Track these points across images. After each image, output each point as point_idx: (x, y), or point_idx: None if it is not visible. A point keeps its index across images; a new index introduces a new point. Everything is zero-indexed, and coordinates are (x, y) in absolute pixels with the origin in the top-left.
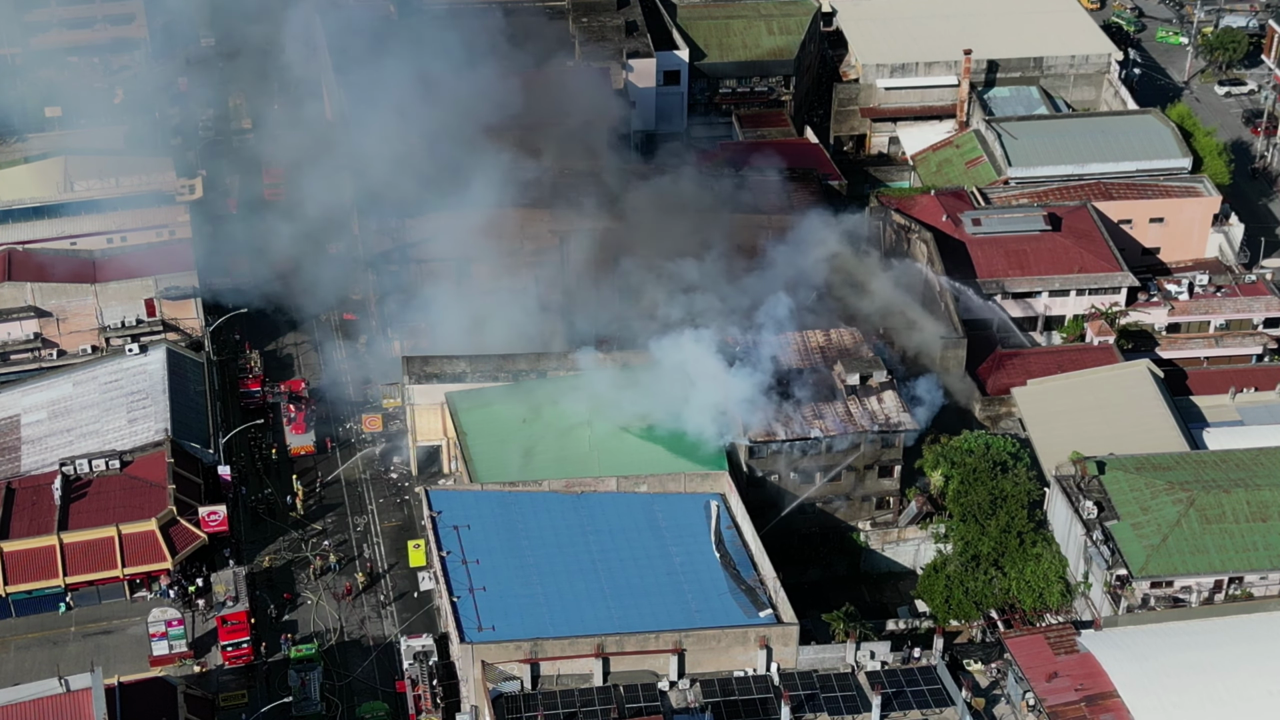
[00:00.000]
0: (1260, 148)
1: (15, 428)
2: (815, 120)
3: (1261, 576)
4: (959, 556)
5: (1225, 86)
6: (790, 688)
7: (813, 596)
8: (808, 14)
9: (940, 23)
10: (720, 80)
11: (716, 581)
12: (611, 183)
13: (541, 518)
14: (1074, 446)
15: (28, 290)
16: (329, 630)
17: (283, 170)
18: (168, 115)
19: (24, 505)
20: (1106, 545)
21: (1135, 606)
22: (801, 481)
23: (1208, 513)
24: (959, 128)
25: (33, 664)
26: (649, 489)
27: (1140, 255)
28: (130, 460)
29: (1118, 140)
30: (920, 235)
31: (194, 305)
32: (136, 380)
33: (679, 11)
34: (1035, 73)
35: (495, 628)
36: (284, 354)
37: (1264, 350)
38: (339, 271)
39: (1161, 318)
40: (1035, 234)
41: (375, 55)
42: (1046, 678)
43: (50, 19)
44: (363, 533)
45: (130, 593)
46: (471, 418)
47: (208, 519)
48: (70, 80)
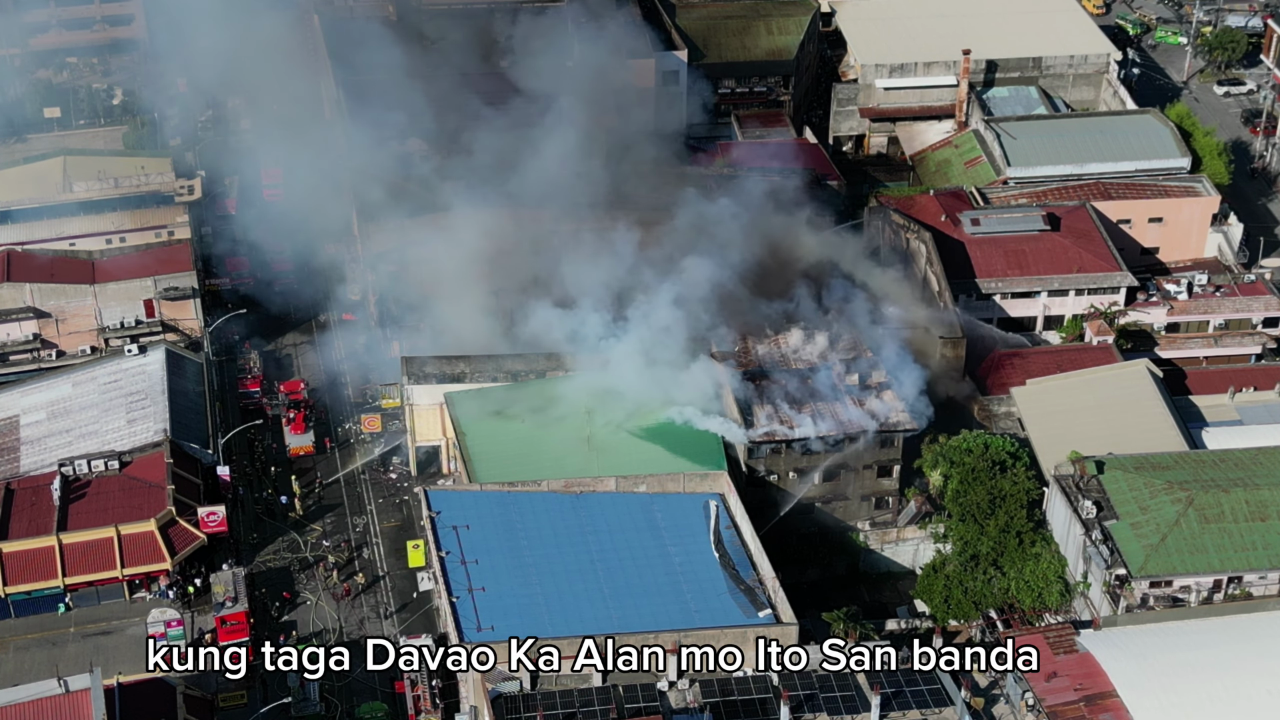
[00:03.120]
0: (1259, 147)
1: (14, 428)
2: (814, 120)
3: (1260, 576)
4: (958, 556)
5: (1224, 86)
6: (790, 688)
7: (812, 596)
8: (807, 14)
9: (939, 23)
10: (719, 81)
11: (715, 581)
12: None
13: (540, 518)
14: (1073, 446)
15: (27, 291)
16: (328, 630)
17: (281, 170)
18: (167, 115)
19: (23, 506)
20: (1105, 545)
21: (1134, 606)
22: (801, 481)
23: (1207, 512)
24: (958, 128)
25: (32, 665)
26: (648, 489)
27: (1139, 255)
28: (129, 461)
29: (1117, 140)
30: (919, 235)
31: (193, 306)
32: (135, 381)
33: (678, 12)
34: (1034, 73)
35: (494, 628)
36: (283, 354)
37: (1263, 350)
38: (338, 271)
39: (1160, 317)
40: (1034, 234)
41: (374, 56)
42: (1046, 677)
43: (49, 19)
44: (362, 533)
45: (129, 593)
46: (471, 418)
47: (207, 519)
48: (69, 81)
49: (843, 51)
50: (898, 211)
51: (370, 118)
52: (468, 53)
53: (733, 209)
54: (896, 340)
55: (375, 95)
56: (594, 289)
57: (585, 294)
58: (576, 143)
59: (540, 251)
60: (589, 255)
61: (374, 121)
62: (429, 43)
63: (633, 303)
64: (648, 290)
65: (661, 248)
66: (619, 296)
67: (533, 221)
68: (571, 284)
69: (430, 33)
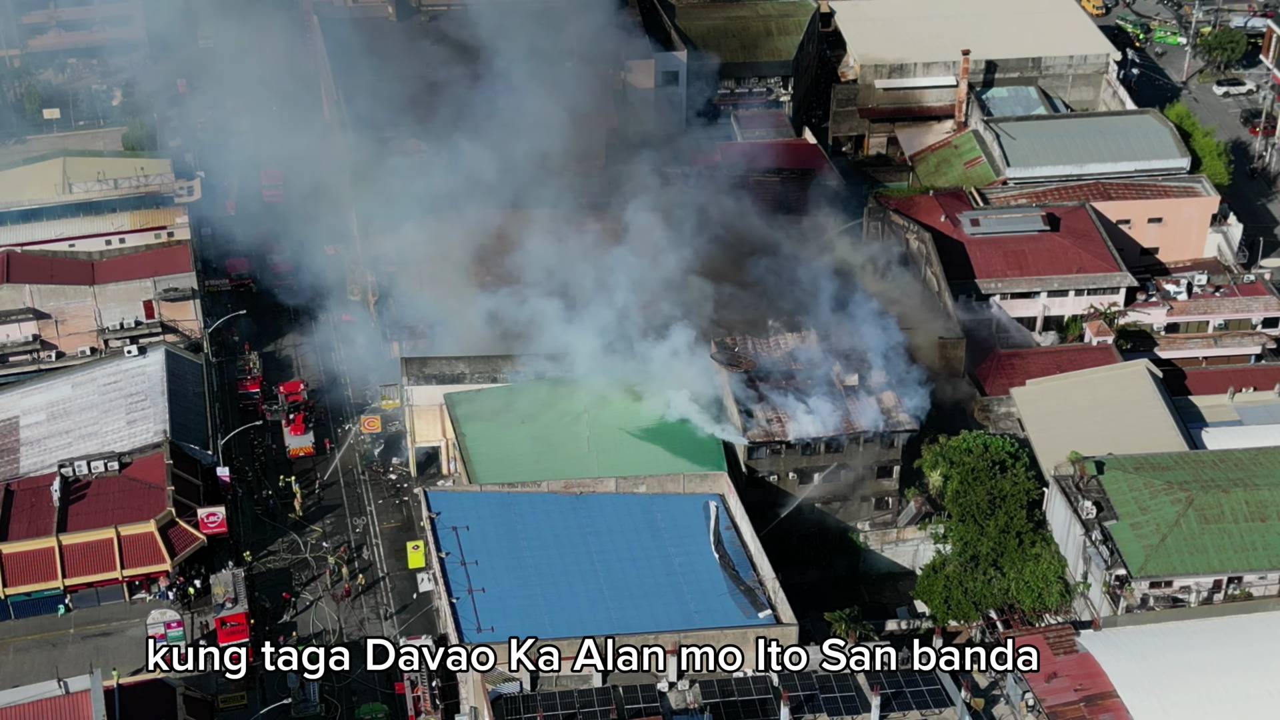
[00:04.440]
0: (1259, 148)
1: (14, 429)
2: (814, 121)
3: (1260, 576)
4: (958, 557)
5: (1224, 86)
6: (790, 688)
7: (812, 597)
8: (806, 15)
9: (938, 23)
10: (719, 81)
11: (715, 582)
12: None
13: (540, 519)
14: (1073, 446)
15: (26, 292)
16: (328, 631)
17: (281, 171)
18: (166, 116)
19: (23, 507)
20: (1105, 545)
21: (1134, 606)
22: (801, 482)
23: (1206, 512)
24: (957, 128)
25: (32, 666)
26: (648, 490)
27: (1139, 255)
28: (129, 462)
29: (1116, 140)
30: (919, 236)
31: (193, 307)
32: (135, 382)
33: (677, 12)
34: (1034, 73)
35: (494, 629)
36: (283, 355)
37: (1262, 350)
38: (337, 272)
39: (1160, 318)
40: (1034, 234)
41: (373, 56)
42: (1046, 678)
43: (49, 20)
44: (362, 534)
45: (129, 594)
46: (470, 419)
47: (206, 520)
48: (69, 82)
49: (842, 52)
50: (897, 212)
51: (369, 117)
52: (466, 53)
53: (732, 208)
54: (896, 340)
55: (374, 95)
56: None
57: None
58: (576, 143)
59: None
60: (586, 252)
61: (373, 121)
62: (428, 43)
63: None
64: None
65: (662, 248)
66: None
67: (531, 221)
68: (568, 280)
69: (429, 33)
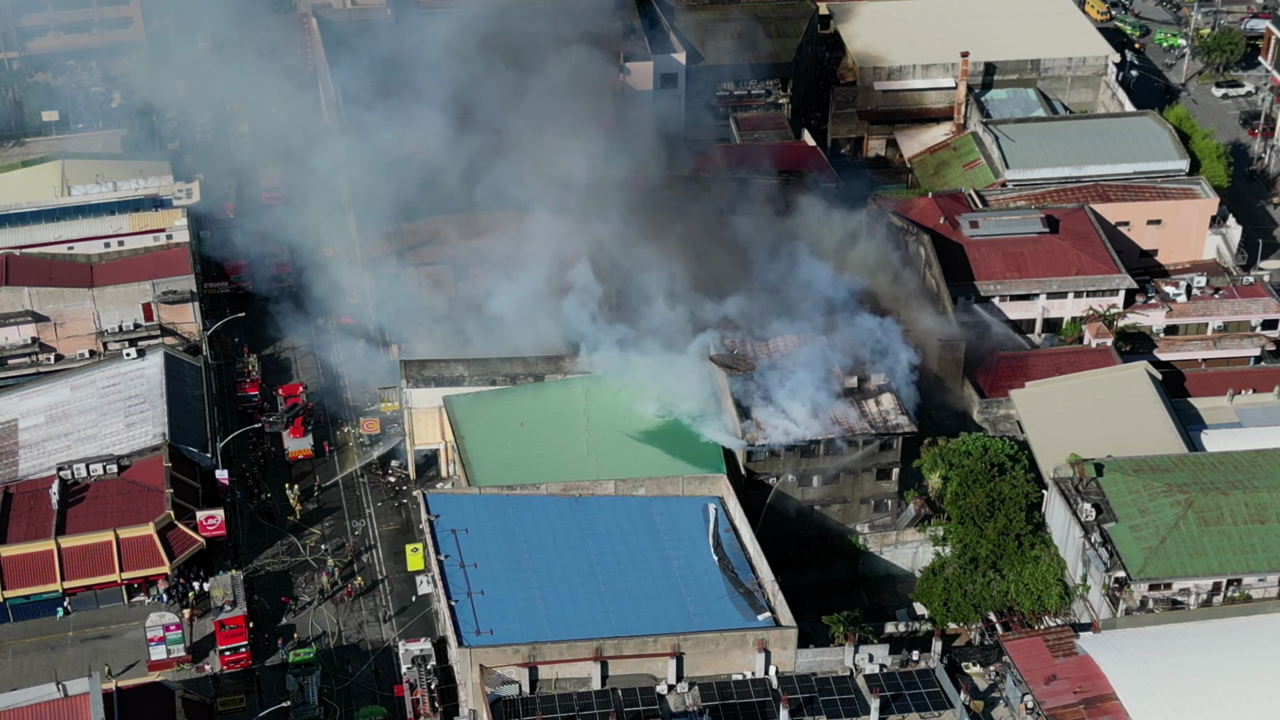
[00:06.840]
0: (1258, 150)
1: (12, 432)
2: (813, 123)
3: (1259, 578)
4: (957, 559)
5: (1222, 88)
6: (789, 691)
7: (811, 599)
8: (805, 17)
9: (937, 25)
10: (718, 83)
11: (715, 585)
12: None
13: (540, 521)
14: (1072, 449)
15: (25, 295)
16: (327, 634)
17: (280, 174)
18: (165, 119)
19: (21, 510)
20: (1105, 547)
21: (1134, 609)
22: (800, 484)
23: (1206, 515)
24: (956, 130)
25: (30, 669)
26: (647, 492)
27: (1138, 257)
28: (128, 464)
29: (1115, 142)
30: (918, 238)
31: (191, 309)
32: (134, 384)
33: (676, 14)
34: (1032, 75)
35: (493, 631)
36: (282, 358)
37: (1262, 352)
38: (336, 274)
39: (1159, 320)
40: (1033, 236)
41: (372, 57)
42: (1045, 680)
43: (48, 23)
44: (360, 536)
45: (128, 597)
46: (469, 421)
47: (205, 523)
48: (68, 84)
49: (841, 54)
50: (896, 214)
51: (368, 120)
52: (464, 53)
53: (731, 210)
54: (896, 342)
55: (373, 97)
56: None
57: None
58: (574, 144)
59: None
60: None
61: (372, 124)
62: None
63: (630, 303)
64: (645, 290)
65: (661, 248)
66: (616, 295)
67: (531, 221)
68: (574, 283)
69: (428, 33)
